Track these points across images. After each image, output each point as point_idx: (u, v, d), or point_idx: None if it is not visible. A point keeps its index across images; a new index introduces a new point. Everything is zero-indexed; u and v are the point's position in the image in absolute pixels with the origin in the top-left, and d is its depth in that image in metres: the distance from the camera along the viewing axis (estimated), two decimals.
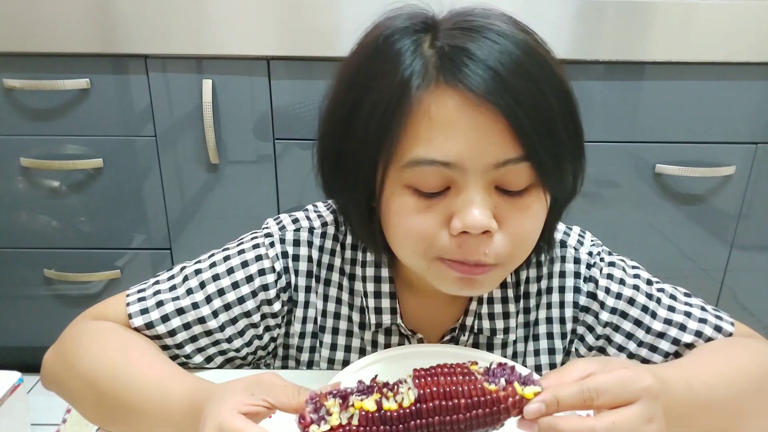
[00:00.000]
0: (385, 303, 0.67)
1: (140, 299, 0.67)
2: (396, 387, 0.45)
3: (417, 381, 0.45)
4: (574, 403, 0.45)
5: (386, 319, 0.67)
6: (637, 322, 0.68)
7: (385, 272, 0.67)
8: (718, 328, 0.67)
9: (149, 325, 0.65)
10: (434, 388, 0.44)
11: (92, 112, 1.48)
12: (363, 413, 0.44)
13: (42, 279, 1.63)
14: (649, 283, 0.70)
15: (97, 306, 0.68)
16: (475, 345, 0.69)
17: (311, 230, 0.69)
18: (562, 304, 0.70)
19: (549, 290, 0.70)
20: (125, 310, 0.66)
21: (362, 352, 0.70)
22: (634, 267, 0.71)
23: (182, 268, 0.69)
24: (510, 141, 0.52)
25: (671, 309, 0.68)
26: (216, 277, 0.67)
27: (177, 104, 1.47)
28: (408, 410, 0.44)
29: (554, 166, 0.54)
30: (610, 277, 0.69)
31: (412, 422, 0.44)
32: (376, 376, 0.47)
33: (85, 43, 1.42)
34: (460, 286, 0.58)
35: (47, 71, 1.45)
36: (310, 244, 0.69)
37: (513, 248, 0.56)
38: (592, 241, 0.72)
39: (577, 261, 0.70)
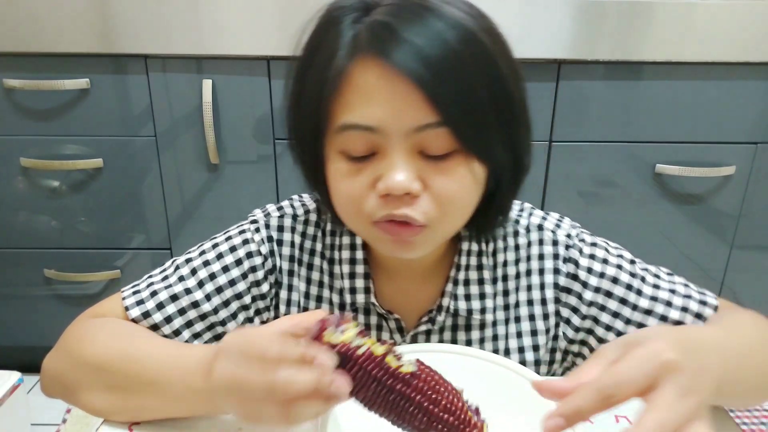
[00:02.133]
0: (359, 283, 0.69)
1: (135, 292, 0.69)
2: (402, 356, 0.48)
3: (420, 365, 0.48)
4: (595, 407, 0.43)
5: (360, 298, 0.69)
6: (623, 301, 0.68)
7: (359, 254, 0.69)
8: (703, 303, 0.68)
9: (146, 315, 0.67)
10: (429, 378, 0.48)
11: (92, 112, 1.48)
12: (369, 351, 0.46)
13: (42, 279, 1.63)
14: (632, 262, 0.70)
15: (93, 307, 0.70)
16: (453, 326, 0.70)
17: (295, 217, 0.72)
18: (542, 286, 0.70)
19: (528, 273, 0.71)
20: (122, 305, 0.68)
21: None
22: (616, 248, 0.72)
23: (173, 261, 0.72)
24: (428, 107, 0.54)
25: (656, 287, 0.68)
26: (206, 263, 0.69)
27: (177, 104, 1.47)
28: (402, 375, 0.47)
29: (475, 133, 0.56)
30: (592, 257, 0.69)
31: (399, 385, 0.46)
32: (393, 342, 0.48)
33: (85, 43, 1.42)
34: (394, 248, 0.60)
35: (47, 71, 1.45)
36: (293, 229, 0.72)
37: (440, 209, 0.57)
38: (571, 225, 0.73)
39: (555, 243, 0.71)
